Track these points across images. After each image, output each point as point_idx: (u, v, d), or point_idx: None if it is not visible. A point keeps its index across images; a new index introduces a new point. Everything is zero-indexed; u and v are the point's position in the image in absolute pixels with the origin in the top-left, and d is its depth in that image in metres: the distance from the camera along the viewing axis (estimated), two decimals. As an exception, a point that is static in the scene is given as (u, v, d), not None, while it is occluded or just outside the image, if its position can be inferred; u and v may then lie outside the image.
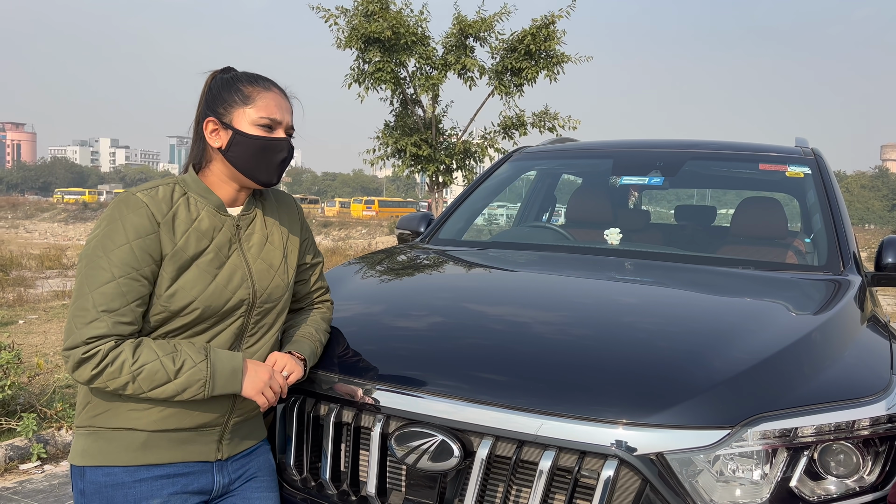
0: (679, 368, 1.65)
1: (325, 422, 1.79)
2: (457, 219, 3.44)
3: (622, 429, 1.50)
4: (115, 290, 1.49)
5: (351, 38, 14.31)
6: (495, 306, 2.15)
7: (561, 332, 1.92)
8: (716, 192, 11.11)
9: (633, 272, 2.57)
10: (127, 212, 1.54)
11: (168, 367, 1.51)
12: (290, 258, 1.79)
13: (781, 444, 1.52)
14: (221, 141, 1.63)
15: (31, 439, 4.03)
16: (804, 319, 1.98)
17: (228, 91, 1.65)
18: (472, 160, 16.33)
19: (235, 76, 1.68)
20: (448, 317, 2.08)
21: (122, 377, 1.48)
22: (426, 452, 1.62)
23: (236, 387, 1.59)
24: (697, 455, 1.49)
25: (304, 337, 1.82)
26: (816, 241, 2.76)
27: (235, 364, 1.59)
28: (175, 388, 1.52)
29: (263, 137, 1.63)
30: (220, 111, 1.63)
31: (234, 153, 1.62)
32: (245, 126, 1.62)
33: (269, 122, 1.64)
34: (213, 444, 1.67)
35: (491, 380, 1.67)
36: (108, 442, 1.58)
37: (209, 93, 1.67)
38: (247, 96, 1.63)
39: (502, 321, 2.02)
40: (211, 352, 1.57)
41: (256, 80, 1.67)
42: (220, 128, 1.63)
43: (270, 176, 1.67)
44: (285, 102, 1.69)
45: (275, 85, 1.69)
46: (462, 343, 1.87)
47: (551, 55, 14.74)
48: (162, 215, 1.56)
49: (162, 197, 1.59)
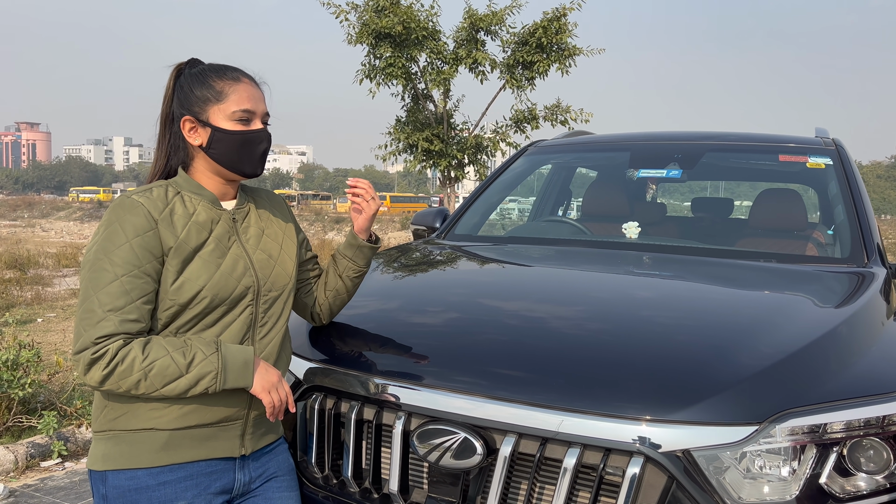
0: (705, 363, 1.63)
1: (346, 419, 1.78)
2: (472, 214, 3.43)
3: (648, 425, 1.48)
4: (118, 288, 1.50)
5: (362, 34, 14.27)
6: (516, 302, 2.14)
7: (584, 327, 1.90)
8: (728, 183, 11.01)
9: (653, 266, 2.54)
10: (124, 213, 1.54)
11: (179, 361, 1.50)
12: (287, 250, 1.79)
13: (810, 441, 1.50)
14: (202, 138, 1.64)
15: (51, 437, 4.07)
16: (830, 313, 1.95)
17: (200, 88, 1.64)
18: (484, 155, 16.27)
19: (203, 70, 1.67)
20: (469, 313, 2.06)
21: (133, 375, 1.48)
22: (449, 450, 1.61)
23: (248, 380, 1.58)
24: (725, 452, 1.47)
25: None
26: (839, 233, 2.72)
27: (247, 356, 1.59)
28: (187, 382, 1.51)
29: (242, 132, 1.64)
30: (196, 109, 1.63)
31: (215, 149, 1.63)
32: (222, 122, 1.63)
33: (245, 115, 1.64)
34: (237, 440, 1.67)
35: (514, 376, 1.66)
36: (129, 444, 1.58)
37: (180, 90, 1.66)
38: (219, 92, 1.63)
39: (524, 317, 2.00)
40: (222, 345, 1.57)
41: (224, 72, 1.66)
42: (197, 125, 1.64)
43: (254, 167, 1.68)
44: (257, 91, 1.69)
45: (244, 74, 1.68)
46: (484, 339, 1.85)
47: (563, 48, 14.64)
48: (159, 212, 1.57)
49: (157, 196, 1.60)
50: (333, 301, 1.95)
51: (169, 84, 1.69)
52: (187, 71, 1.68)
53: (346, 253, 1.92)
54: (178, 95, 1.66)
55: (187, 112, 1.64)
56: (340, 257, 1.93)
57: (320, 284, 1.94)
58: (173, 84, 1.68)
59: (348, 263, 1.92)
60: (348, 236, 1.93)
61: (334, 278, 1.93)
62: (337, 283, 1.93)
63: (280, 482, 1.77)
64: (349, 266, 1.92)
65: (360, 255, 1.92)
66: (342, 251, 1.93)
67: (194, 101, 1.64)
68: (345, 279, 1.93)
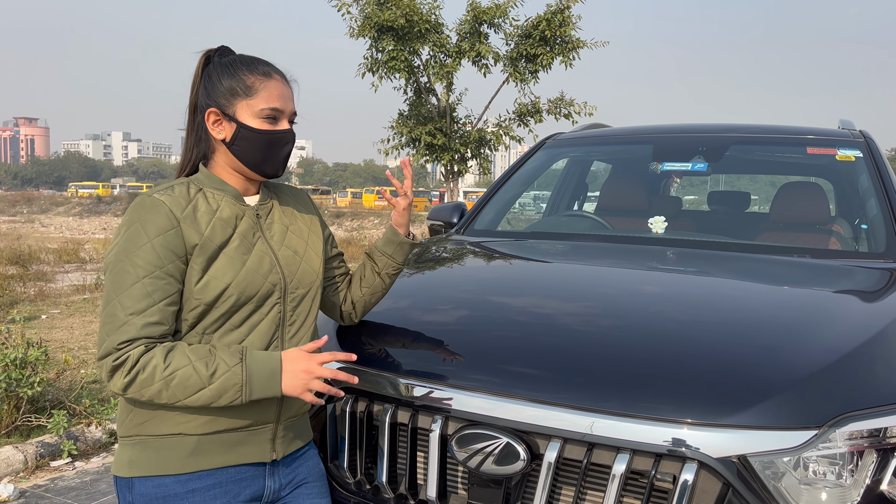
0: (758, 365, 1.56)
1: (379, 422, 1.72)
2: (491, 208, 3.36)
3: (701, 430, 1.42)
4: (140, 290, 1.44)
5: (364, 27, 14.19)
6: (553, 301, 2.07)
7: (628, 328, 1.83)
8: (742, 177, 10.84)
9: (688, 262, 2.47)
10: (145, 213, 1.48)
11: (201, 372, 1.43)
12: (313, 246, 1.72)
13: (870, 445, 1.43)
14: (226, 133, 1.56)
15: (61, 436, 4.01)
16: (877, 311, 1.89)
17: (228, 79, 1.55)
18: (488, 148, 16.20)
19: (233, 61, 1.58)
20: (505, 313, 2.00)
21: (154, 384, 1.41)
22: (490, 455, 1.54)
23: (275, 390, 1.50)
24: (782, 457, 1.41)
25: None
26: (873, 228, 2.65)
27: (273, 365, 1.50)
28: (210, 394, 1.44)
29: (269, 132, 1.56)
30: (223, 102, 1.55)
31: (238, 147, 1.56)
32: (249, 119, 1.55)
33: (273, 114, 1.56)
34: (267, 444, 1.60)
35: (559, 379, 1.59)
36: (156, 451, 1.51)
37: (208, 79, 1.58)
38: (249, 87, 1.55)
39: (564, 317, 1.94)
40: (247, 354, 1.49)
41: (256, 65, 1.58)
42: (223, 119, 1.56)
43: (276, 169, 1.61)
44: (287, 90, 1.61)
45: (276, 70, 1.60)
46: (524, 340, 1.78)
47: (566, 41, 14.56)
48: (181, 210, 1.50)
49: (179, 193, 1.53)
50: (370, 299, 1.89)
51: (197, 72, 1.60)
52: (217, 59, 1.60)
53: (385, 250, 1.86)
54: (206, 84, 1.58)
55: (213, 104, 1.56)
56: (379, 254, 1.86)
57: (355, 283, 1.88)
58: (201, 72, 1.60)
59: (388, 260, 1.85)
60: (388, 233, 1.87)
61: (372, 275, 1.86)
62: (375, 281, 1.86)
63: (311, 488, 1.71)
64: (388, 263, 1.86)
65: (399, 252, 1.86)
66: (381, 248, 1.86)
67: (221, 92, 1.56)
68: (384, 276, 1.86)
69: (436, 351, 1.80)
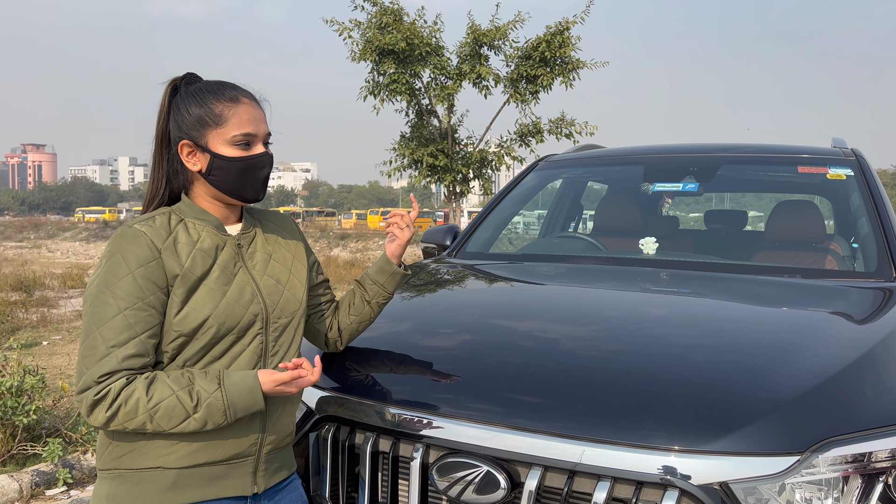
0: (740, 389, 1.55)
1: (361, 451, 1.70)
2: (484, 231, 3.36)
3: (682, 456, 1.40)
4: (122, 322, 1.43)
5: (365, 51, 14.30)
6: (535, 325, 2.06)
7: (610, 352, 1.82)
8: (734, 195, 10.77)
9: (675, 284, 2.46)
10: (126, 244, 1.47)
11: (185, 402, 1.42)
12: (297, 274, 1.70)
13: (854, 471, 1.41)
14: (201, 164, 1.55)
15: (56, 464, 3.99)
16: (864, 332, 1.87)
17: (197, 108, 1.54)
18: (489, 169, 16.24)
19: (200, 90, 1.57)
20: (487, 338, 1.99)
21: (138, 417, 1.40)
22: (470, 484, 1.53)
23: (258, 401, 1.48)
24: (765, 484, 1.39)
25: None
26: (865, 247, 2.64)
27: (250, 382, 1.48)
28: (197, 423, 1.44)
29: (244, 158, 1.55)
30: (194, 134, 1.54)
31: (215, 176, 1.55)
32: (222, 147, 1.54)
33: (246, 139, 1.55)
34: (249, 477, 1.58)
35: (537, 405, 1.58)
36: (135, 485, 1.50)
37: (177, 111, 1.56)
38: (218, 115, 1.54)
39: (545, 342, 1.92)
40: (224, 377, 1.47)
41: (223, 91, 1.56)
42: (196, 150, 1.55)
43: (256, 193, 1.60)
44: (258, 111, 1.59)
45: (243, 93, 1.58)
46: (504, 366, 1.77)
47: (566, 61, 14.64)
48: (162, 241, 1.50)
49: (160, 224, 1.52)
50: (357, 327, 1.88)
51: (164, 101, 1.59)
52: (183, 89, 1.59)
53: (377, 279, 1.86)
54: (175, 116, 1.57)
55: (185, 136, 1.55)
56: (371, 283, 1.86)
57: (343, 310, 1.87)
58: (168, 102, 1.59)
59: (379, 290, 1.85)
60: (380, 262, 1.87)
61: (361, 303, 1.86)
62: (364, 309, 1.86)
63: (293, 519, 1.69)
64: (379, 292, 1.86)
65: (391, 282, 1.86)
66: (373, 277, 1.86)
67: (191, 123, 1.54)
68: (373, 305, 1.86)
69: (417, 377, 1.79)
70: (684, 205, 10.40)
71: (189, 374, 1.48)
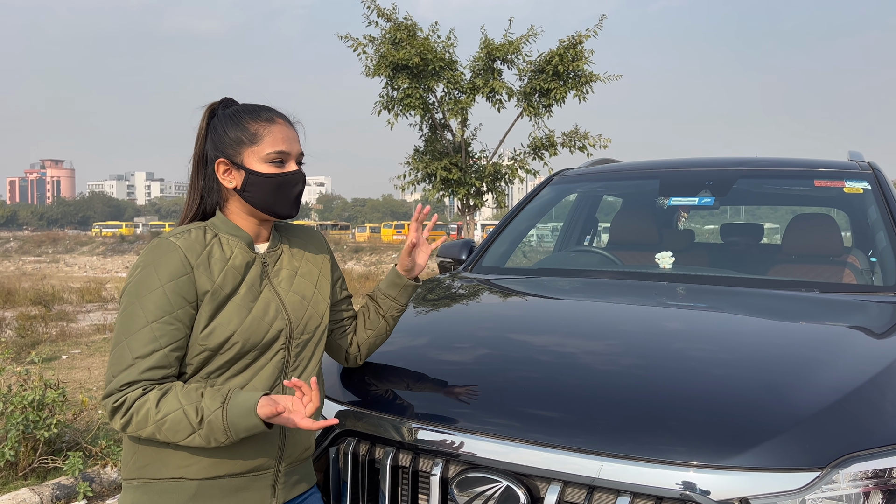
0: (760, 404, 1.55)
1: (381, 465, 1.72)
2: (499, 245, 3.37)
3: (702, 472, 1.40)
4: (148, 335, 1.47)
5: (379, 66, 14.42)
6: (554, 340, 2.07)
7: (629, 367, 1.82)
8: (749, 208, 10.71)
9: (693, 298, 2.46)
10: (160, 256, 1.52)
11: (191, 417, 1.45)
12: (322, 290, 1.74)
13: (875, 486, 1.41)
14: (236, 181, 1.61)
15: (77, 478, 4.02)
16: (884, 347, 1.86)
17: (234, 129, 1.61)
18: (503, 182, 16.27)
19: (237, 111, 1.64)
20: (506, 352, 2.00)
21: (148, 427, 1.45)
22: (490, 499, 1.54)
23: (259, 426, 1.45)
24: (785, 500, 1.39)
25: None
26: (883, 261, 2.63)
27: (249, 404, 1.45)
28: (202, 439, 1.46)
29: (277, 175, 1.60)
30: (230, 152, 1.60)
31: (250, 192, 1.60)
32: (256, 165, 1.59)
33: (280, 157, 1.61)
34: (268, 490, 1.61)
35: (556, 420, 1.59)
36: (158, 494, 1.53)
37: (213, 132, 1.64)
38: (253, 134, 1.60)
39: (564, 356, 1.93)
40: (230, 398, 1.47)
41: (259, 112, 1.63)
42: (232, 168, 1.61)
43: (290, 209, 1.65)
44: (291, 132, 1.65)
45: (278, 115, 1.65)
46: (523, 381, 1.78)
47: (579, 75, 14.68)
48: (196, 256, 1.54)
49: (195, 238, 1.57)
50: (374, 341, 1.90)
51: (202, 124, 1.66)
52: (220, 111, 1.66)
53: (389, 293, 1.88)
54: (212, 137, 1.64)
55: (221, 154, 1.61)
56: (383, 297, 1.88)
57: (359, 325, 1.90)
58: (206, 124, 1.66)
59: (392, 303, 1.88)
60: (391, 275, 1.89)
61: (376, 317, 1.88)
62: (379, 323, 1.88)
63: (311, 534, 1.70)
64: (393, 305, 1.88)
65: (403, 294, 1.88)
66: (385, 291, 1.88)
67: (228, 143, 1.61)
68: (388, 318, 1.88)
69: (436, 392, 1.80)
70: (699, 217, 10.36)
71: (203, 389, 1.50)
